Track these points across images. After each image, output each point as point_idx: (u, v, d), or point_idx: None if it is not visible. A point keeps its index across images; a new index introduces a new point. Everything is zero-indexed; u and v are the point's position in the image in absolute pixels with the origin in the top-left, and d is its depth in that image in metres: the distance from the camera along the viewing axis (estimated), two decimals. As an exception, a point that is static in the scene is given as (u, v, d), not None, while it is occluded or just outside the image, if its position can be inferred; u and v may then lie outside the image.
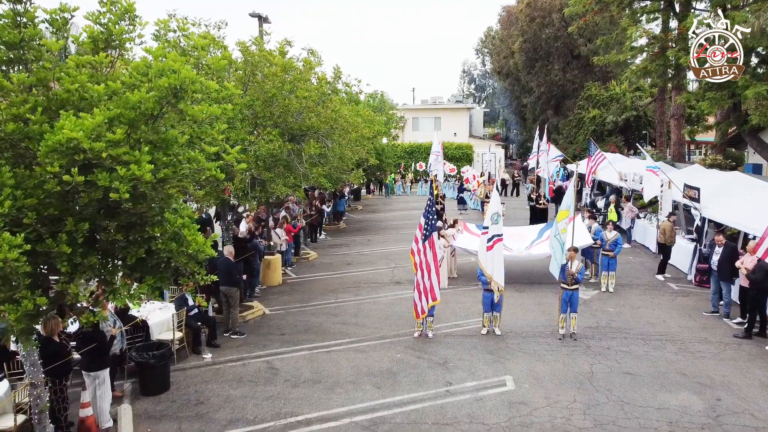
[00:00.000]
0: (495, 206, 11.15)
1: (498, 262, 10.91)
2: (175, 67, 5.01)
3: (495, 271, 10.90)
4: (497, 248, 10.93)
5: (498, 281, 10.91)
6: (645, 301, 13.55)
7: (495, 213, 11.01)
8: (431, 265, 10.69)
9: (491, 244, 10.94)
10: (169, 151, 5.29)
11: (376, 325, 12.23)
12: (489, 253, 10.98)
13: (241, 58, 11.66)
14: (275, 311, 13.39)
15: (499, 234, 10.94)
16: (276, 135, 10.38)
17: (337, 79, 14.37)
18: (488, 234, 11.01)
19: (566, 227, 10.69)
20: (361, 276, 16.48)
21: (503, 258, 11.11)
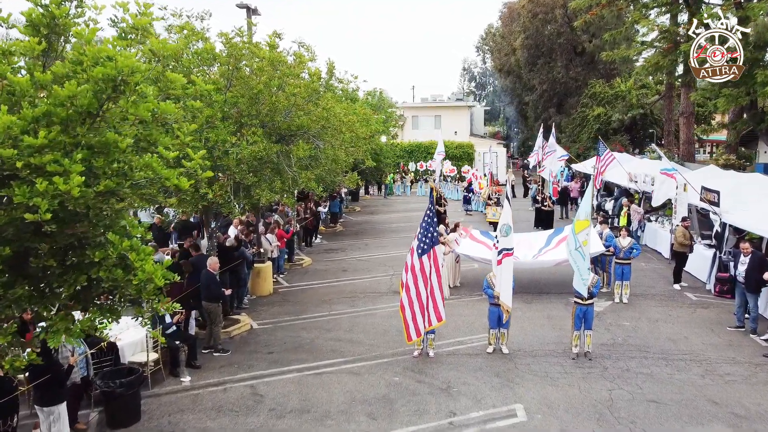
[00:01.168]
0: (506, 217, 10.11)
1: (507, 279, 9.90)
2: (111, 53, 4.01)
3: (503, 288, 9.89)
4: (506, 264, 9.91)
5: (505, 301, 9.90)
6: (662, 314, 12.57)
7: (505, 224, 9.98)
8: (434, 282, 9.66)
9: (500, 258, 9.93)
10: (111, 157, 4.29)
11: (373, 341, 11.24)
12: (498, 269, 9.98)
13: (225, 51, 10.65)
14: (264, 325, 12.40)
15: (509, 248, 9.93)
16: (261, 135, 9.38)
17: (330, 75, 13.38)
18: (498, 248, 9.98)
19: (587, 239, 9.66)
20: (358, 284, 15.49)
21: (513, 274, 10.06)
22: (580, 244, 9.58)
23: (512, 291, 10.02)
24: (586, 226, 9.60)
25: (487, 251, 14.70)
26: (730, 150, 23.75)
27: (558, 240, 15.06)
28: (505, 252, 9.88)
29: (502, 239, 9.93)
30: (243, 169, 9.44)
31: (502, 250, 9.92)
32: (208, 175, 5.23)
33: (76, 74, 4.12)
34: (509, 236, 9.91)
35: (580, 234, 9.59)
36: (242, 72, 10.42)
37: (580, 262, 9.65)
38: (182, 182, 5.14)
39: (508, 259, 9.89)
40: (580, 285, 9.75)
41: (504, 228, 9.94)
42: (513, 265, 13.96)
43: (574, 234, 9.67)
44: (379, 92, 33.48)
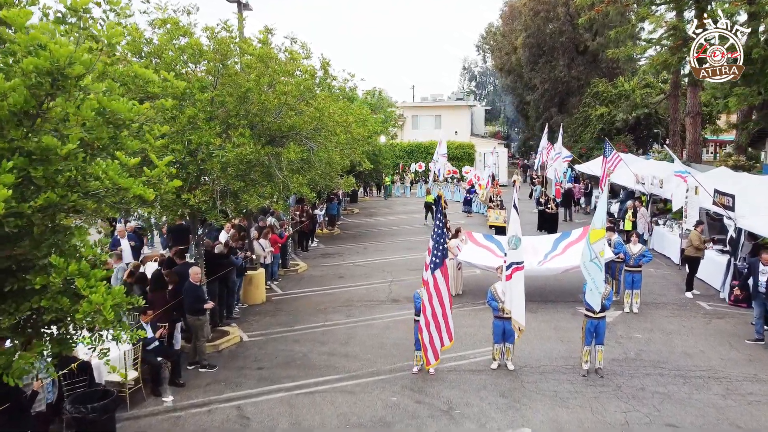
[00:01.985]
0: (514, 227, 9.39)
1: (518, 295, 9.19)
2: (43, 40, 3.33)
3: (514, 305, 9.18)
4: (517, 278, 9.18)
5: (518, 319, 9.19)
6: (676, 325, 11.90)
7: (514, 236, 9.26)
8: (445, 300, 8.96)
9: (509, 273, 9.22)
10: (54, 165, 3.62)
11: (369, 355, 10.57)
12: (507, 284, 9.26)
13: (211, 47, 9.97)
14: (254, 337, 11.73)
15: (518, 261, 9.21)
16: (248, 137, 8.70)
17: (326, 73, 12.68)
18: (507, 262, 9.28)
19: (603, 249, 8.97)
20: (355, 292, 14.82)
21: (524, 289, 9.34)
22: (597, 255, 8.88)
23: (524, 310, 9.29)
24: (602, 235, 8.91)
25: (492, 257, 14.04)
26: (740, 151, 23.07)
27: (565, 245, 14.40)
28: (515, 266, 9.16)
29: (511, 252, 9.21)
30: (229, 173, 8.77)
31: (511, 263, 9.20)
32: (176, 184, 4.55)
33: (9, 67, 3.44)
34: (519, 248, 9.19)
35: (596, 244, 8.90)
36: (230, 69, 9.74)
37: (596, 275, 8.94)
38: (147, 193, 4.48)
39: (519, 273, 9.17)
40: (594, 298, 9.05)
41: (513, 240, 9.22)
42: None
43: (589, 244, 8.97)
44: (378, 92, 32.81)
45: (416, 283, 15.31)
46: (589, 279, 9.05)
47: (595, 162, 28.51)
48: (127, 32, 9.54)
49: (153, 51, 9.17)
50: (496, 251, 14.42)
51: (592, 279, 8.99)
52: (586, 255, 9.06)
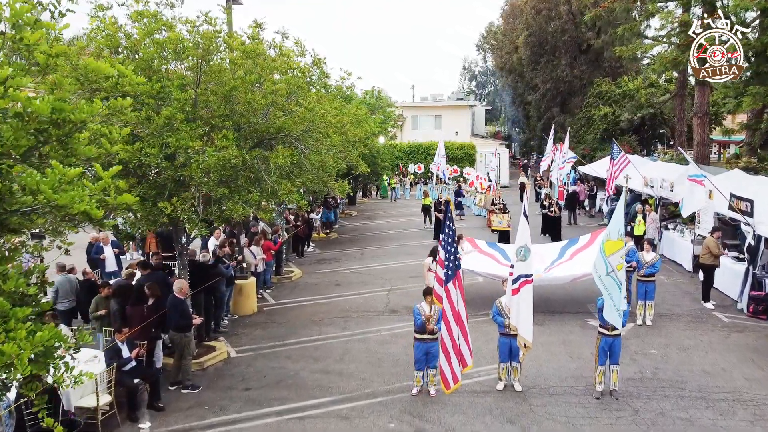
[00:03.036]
0: (523, 236, 8.61)
1: (526, 310, 8.44)
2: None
3: (521, 322, 8.43)
4: (525, 293, 8.43)
5: (525, 336, 8.44)
6: (693, 339, 11.16)
7: (523, 246, 8.50)
8: (462, 315, 8.17)
9: (517, 287, 8.46)
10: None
11: (365, 374, 9.83)
12: (514, 299, 8.50)
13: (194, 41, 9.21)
14: (243, 353, 10.98)
15: (527, 274, 8.46)
16: (232, 139, 7.95)
17: (321, 72, 11.96)
18: (513, 274, 8.51)
19: (622, 262, 8.21)
20: (351, 302, 14.07)
21: (531, 301, 8.59)
22: (614, 269, 8.12)
23: (531, 326, 8.52)
24: (619, 247, 8.14)
25: (495, 265, 13.30)
26: (752, 152, 22.33)
27: (572, 252, 13.65)
28: (523, 279, 8.40)
29: (519, 264, 8.44)
30: (212, 179, 8.02)
31: (519, 276, 8.44)
32: (127, 200, 3.80)
33: None
34: (528, 260, 8.43)
35: (612, 256, 8.12)
36: (214, 66, 8.99)
37: (614, 290, 8.16)
38: (93, 210, 3.73)
39: (528, 287, 8.41)
40: (613, 316, 8.27)
41: (521, 251, 8.45)
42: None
43: (605, 257, 8.21)
44: (377, 92, 32.04)
45: (415, 291, 14.58)
46: (606, 295, 8.28)
47: (599, 163, 27.77)
48: (103, 26, 8.84)
49: (129, 46, 8.42)
50: (500, 259, 13.68)
51: (609, 295, 8.22)
52: (601, 268, 8.29)
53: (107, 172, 3.83)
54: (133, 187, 7.75)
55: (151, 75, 7.92)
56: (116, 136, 4.63)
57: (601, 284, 8.31)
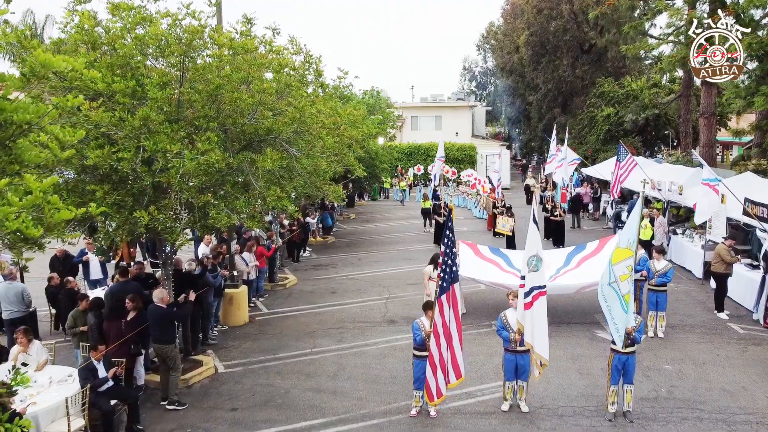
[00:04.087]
0: (533, 244, 7.93)
1: (540, 325, 7.75)
2: None
3: (536, 338, 7.75)
4: (539, 306, 7.74)
5: (540, 353, 7.76)
6: (708, 353, 10.53)
7: (534, 256, 7.82)
8: (453, 329, 7.53)
9: (530, 300, 7.79)
10: None
11: (361, 392, 9.20)
12: (527, 313, 7.83)
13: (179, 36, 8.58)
14: (231, 368, 10.35)
15: (540, 286, 7.77)
16: (216, 142, 7.33)
17: (318, 71, 11.30)
18: (525, 287, 7.82)
19: (627, 273, 7.58)
20: (347, 311, 13.44)
21: (546, 315, 7.89)
22: (617, 278, 7.49)
23: (547, 342, 7.86)
24: (627, 255, 7.51)
25: (498, 273, 12.67)
26: (762, 153, 21.72)
27: (579, 259, 13.02)
28: (537, 291, 7.71)
29: (531, 275, 7.75)
30: (194, 185, 7.39)
31: (532, 289, 7.75)
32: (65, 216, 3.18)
33: None
34: (540, 270, 7.75)
35: (618, 265, 7.50)
36: (202, 63, 8.38)
37: (614, 303, 7.55)
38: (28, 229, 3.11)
39: (542, 300, 7.72)
40: (614, 330, 7.68)
41: (533, 260, 7.76)
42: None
43: (610, 265, 7.59)
44: (376, 92, 31.42)
45: (414, 300, 13.98)
46: (604, 306, 7.66)
47: (603, 165, 27.18)
48: (79, 19, 8.22)
49: (107, 42, 7.79)
50: (504, 266, 13.06)
51: (607, 307, 7.59)
52: (605, 277, 7.67)
53: (43, 183, 3.20)
54: (108, 194, 7.13)
55: (126, 73, 7.29)
56: (68, 139, 3.99)
57: (601, 295, 7.71)
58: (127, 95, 6.90)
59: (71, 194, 7.16)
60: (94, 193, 6.98)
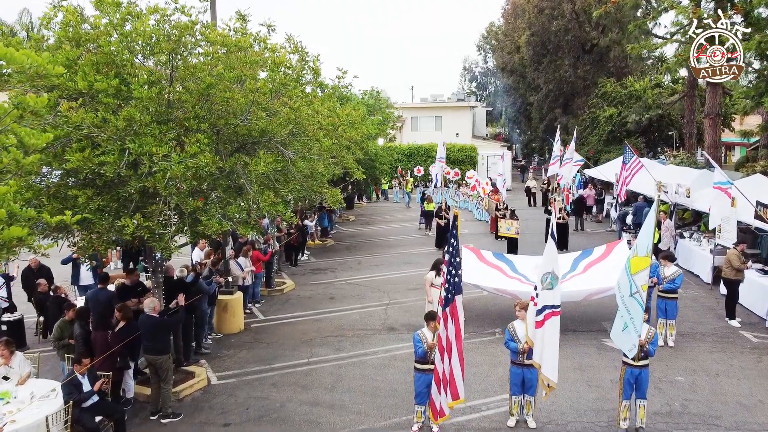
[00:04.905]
0: (549, 261, 7.40)
1: (551, 346, 7.29)
2: None
3: (545, 359, 7.30)
4: (550, 326, 7.28)
5: (548, 375, 7.34)
6: (721, 363, 10.12)
7: (549, 273, 7.35)
8: (452, 345, 7.07)
9: (542, 319, 7.34)
10: None
11: (360, 406, 8.78)
12: (538, 332, 7.38)
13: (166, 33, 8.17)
14: (225, 379, 9.94)
15: (554, 305, 7.32)
16: (206, 144, 6.92)
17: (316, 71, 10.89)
18: (538, 304, 7.36)
19: (647, 282, 7.16)
20: (346, 318, 13.03)
21: (558, 336, 7.43)
22: (639, 289, 7.09)
23: (557, 365, 7.40)
24: (646, 264, 7.11)
25: (503, 279, 12.26)
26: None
27: (586, 264, 12.62)
28: (549, 310, 7.25)
29: (544, 293, 7.28)
30: (183, 190, 6.98)
31: (544, 307, 7.29)
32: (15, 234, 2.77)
33: None
34: (555, 289, 7.29)
35: (638, 275, 7.10)
36: (188, 61, 7.96)
37: (637, 315, 7.15)
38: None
39: (554, 320, 7.25)
40: (625, 342, 7.26)
41: (548, 278, 7.29)
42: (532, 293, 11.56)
43: (630, 275, 7.18)
44: (376, 92, 30.98)
45: (415, 306, 13.57)
46: (627, 319, 7.24)
47: (606, 166, 26.78)
48: (63, 15, 7.82)
49: (91, 38, 7.38)
50: (508, 272, 12.65)
51: (631, 319, 7.18)
52: (626, 288, 7.26)
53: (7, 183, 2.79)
54: (91, 200, 6.72)
55: (110, 71, 6.87)
56: (34, 142, 3.58)
57: (624, 306, 7.29)
58: (110, 95, 6.50)
59: (52, 200, 6.76)
60: (77, 198, 6.57)
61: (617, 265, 12.48)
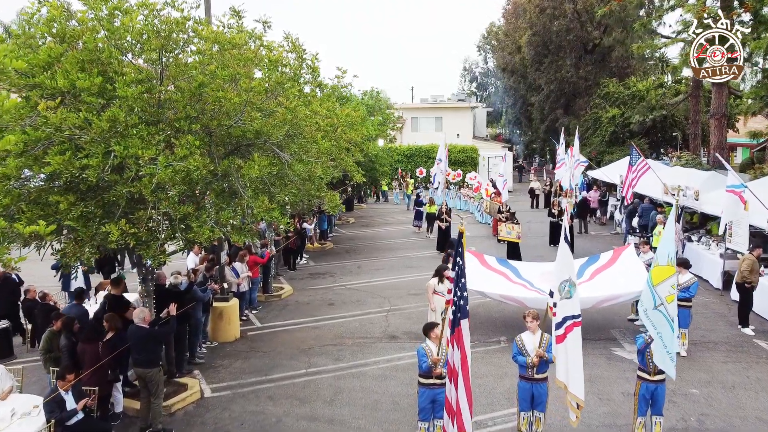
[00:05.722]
0: (565, 269, 6.84)
1: (575, 361, 6.71)
2: None
3: (571, 375, 6.76)
4: (573, 339, 6.68)
5: (576, 393, 6.79)
6: (737, 374, 9.70)
7: (566, 281, 6.83)
8: (458, 373, 6.51)
9: (563, 332, 6.76)
10: None
11: (360, 421, 8.36)
12: (560, 348, 6.83)
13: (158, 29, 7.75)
14: (219, 391, 9.51)
15: (575, 315, 6.70)
16: (196, 147, 6.51)
17: (314, 69, 10.48)
18: (557, 316, 6.82)
19: (673, 293, 6.69)
20: (346, 325, 12.61)
21: (580, 349, 6.76)
22: (663, 301, 6.65)
23: (582, 380, 6.79)
24: (669, 274, 6.66)
25: (507, 284, 11.84)
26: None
27: (593, 271, 12.20)
28: (571, 321, 6.65)
29: (564, 303, 6.72)
30: (173, 195, 6.56)
31: (564, 319, 6.70)
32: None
33: None
34: (574, 297, 6.75)
35: (660, 286, 6.66)
36: (179, 59, 7.55)
37: (664, 328, 6.66)
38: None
39: (576, 332, 6.64)
40: (665, 361, 6.77)
41: (565, 286, 6.75)
42: (537, 304, 11.11)
43: (652, 287, 6.75)
44: (376, 92, 30.57)
45: (417, 312, 13.15)
46: (654, 334, 6.80)
47: (610, 167, 26.38)
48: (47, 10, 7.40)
49: (76, 34, 6.96)
50: (512, 277, 12.24)
51: (658, 334, 6.73)
52: (648, 301, 6.83)
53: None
54: (74, 206, 6.30)
55: (93, 69, 6.45)
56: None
57: (648, 321, 6.85)
58: (93, 94, 6.09)
59: (33, 206, 6.35)
60: (58, 204, 6.16)
61: (625, 271, 12.08)
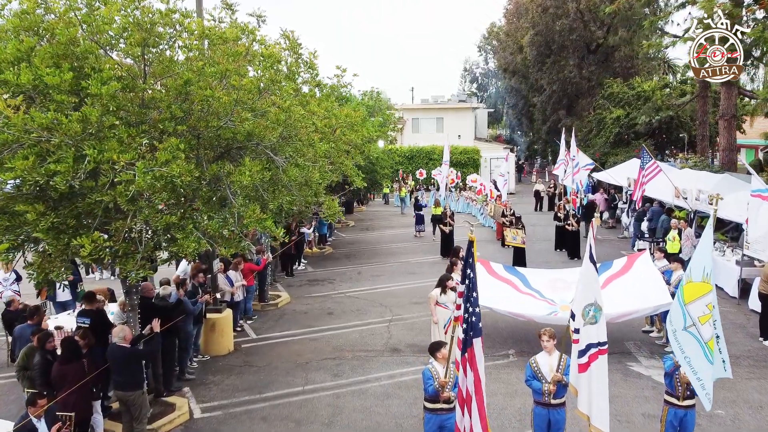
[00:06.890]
0: (590, 291, 6.11)
1: (600, 391, 6.04)
2: None
3: (594, 407, 6.07)
4: (598, 368, 6.01)
5: (600, 426, 6.12)
6: (763, 393, 9.08)
7: (591, 305, 6.07)
8: (472, 398, 5.89)
9: (586, 360, 6.07)
10: None
11: (361, 446, 7.75)
12: (583, 377, 6.17)
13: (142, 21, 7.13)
14: (210, 411, 8.87)
15: (601, 343, 6.00)
16: (181, 150, 5.88)
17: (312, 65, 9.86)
18: (579, 342, 6.16)
19: (709, 312, 6.03)
20: (345, 337, 11.98)
21: (606, 378, 6.09)
22: (694, 322, 6.01)
23: (607, 411, 6.12)
24: (705, 291, 6.00)
25: (516, 295, 11.21)
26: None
27: (605, 279, 11.52)
28: (596, 349, 5.96)
29: (587, 328, 6.04)
30: (154, 204, 5.94)
31: (588, 346, 6.03)
32: None
33: None
34: (600, 322, 5.99)
35: (694, 304, 6.01)
36: (164, 55, 6.94)
37: (694, 352, 5.98)
38: None
39: (602, 360, 5.97)
40: (697, 390, 6.09)
41: (590, 310, 6.02)
42: (549, 318, 10.49)
43: (683, 305, 6.11)
44: (376, 93, 29.95)
45: (419, 323, 12.51)
46: (681, 358, 6.15)
47: (617, 169, 25.76)
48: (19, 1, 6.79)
49: (48, 27, 6.34)
50: (520, 287, 11.63)
51: (686, 359, 6.07)
52: (678, 321, 6.19)
53: None
54: (43, 216, 5.68)
55: (64, 63, 5.83)
56: None
57: (676, 344, 6.20)
58: (63, 91, 5.47)
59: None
60: (25, 214, 5.54)
61: (641, 281, 11.41)
